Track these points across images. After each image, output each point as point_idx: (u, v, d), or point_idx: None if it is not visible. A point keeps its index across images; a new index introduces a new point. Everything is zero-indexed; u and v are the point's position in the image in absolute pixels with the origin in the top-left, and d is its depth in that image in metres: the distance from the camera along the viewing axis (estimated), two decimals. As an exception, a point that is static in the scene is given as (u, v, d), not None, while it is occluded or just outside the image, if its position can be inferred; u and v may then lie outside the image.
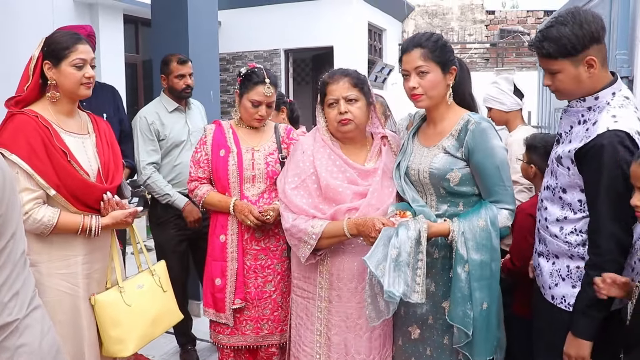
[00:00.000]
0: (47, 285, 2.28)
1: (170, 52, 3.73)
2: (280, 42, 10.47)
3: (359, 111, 2.26)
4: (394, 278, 1.95)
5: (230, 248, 2.72)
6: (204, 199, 2.75)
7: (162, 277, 2.60)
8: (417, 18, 13.69)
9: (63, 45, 2.28)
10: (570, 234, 2.03)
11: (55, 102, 2.33)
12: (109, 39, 7.68)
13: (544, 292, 2.16)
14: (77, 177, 2.27)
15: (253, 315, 2.73)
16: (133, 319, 2.40)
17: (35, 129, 2.21)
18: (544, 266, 2.14)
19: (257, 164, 2.71)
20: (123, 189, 2.55)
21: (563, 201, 2.05)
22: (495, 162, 2.09)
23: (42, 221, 2.19)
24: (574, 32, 1.86)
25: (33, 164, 2.18)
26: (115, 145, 2.52)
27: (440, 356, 2.19)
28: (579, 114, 2.01)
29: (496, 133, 2.15)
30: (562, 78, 1.94)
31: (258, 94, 2.70)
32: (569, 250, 2.05)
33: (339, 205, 2.23)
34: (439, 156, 2.15)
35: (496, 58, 12.76)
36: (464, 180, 2.13)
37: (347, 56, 9.88)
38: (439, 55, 2.14)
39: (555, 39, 1.88)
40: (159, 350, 3.90)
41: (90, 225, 2.29)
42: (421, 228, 2.01)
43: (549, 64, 1.95)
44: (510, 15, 13.38)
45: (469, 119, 2.14)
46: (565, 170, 2.00)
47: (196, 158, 2.80)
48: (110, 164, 2.43)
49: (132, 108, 8.77)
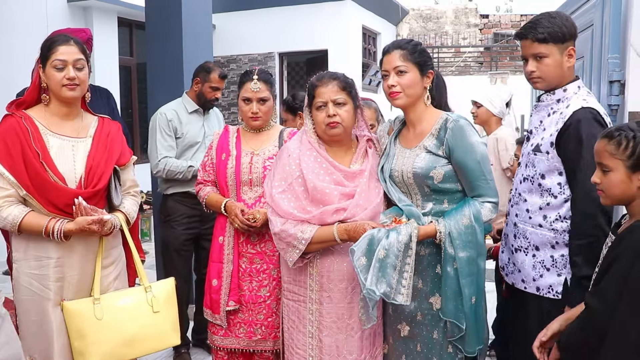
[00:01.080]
0: (21, 283, 2.31)
1: (169, 55, 3.76)
2: (275, 45, 10.49)
3: (347, 114, 2.29)
4: (377, 278, 2.01)
5: (226, 250, 2.74)
6: (205, 200, 2.80)
7: (160, 297, 2.44)
8: (412, 22, 13.74)
9: (47, 47, 2.30)
10: (556, 221, 2.16)
11: (47, 104, 2.33)
12: (104, 41, 7.67)
13: (525, 286, 2.26)
14: (46, 179, 2.24)
15: (246, 319, 2.73)
16: (101, 334, 2.29)
17: (15, 130, 2.23)
18: (524, 260, 2.25)
19: (254, 167, 2.71)
20: (112, 195, 2.45)
21: (542, 188, 2.19)
22: (475, 157, 2.15)
23: (7, 219, 2.21)
24: (563, 23, 2.13)
25: (6, 163, 2.21)
26: (113, 149, 2.46)
27: (431, 351, 2.23)
28: (548, 107, 2.24)
29: (474, 129, 2.22)
30: (548, 62, 2.15)
31: (247, 91, 2.74)
32: (554, 238, 2.16)
33: (326, 206, 2.24)
34: (421, 156, 2.21)
35: (490, 62, 12.82)
36: (447, 178, 2.18)
37: (342, 59, 9.91)
38: (418, 57, 2.23)
39: (548, 25, 2.13)
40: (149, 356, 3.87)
41: (52, 229, 2.23)
42: (412, 233, 2.06)
43: (540, 48, 2.14)
44: (504, 19, 13.46)
45: (447, 117, 2.21)
46: (544, 155, 2.17)
47: (203, 162, 2.87)
48: (97, 168, 2.36)
49: (127, 111, 8.75)
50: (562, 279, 2.16)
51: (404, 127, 2.38)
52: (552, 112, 2.22)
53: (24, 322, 2.32)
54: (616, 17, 2.51)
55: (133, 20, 8.54)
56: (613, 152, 1.71)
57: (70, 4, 7.50)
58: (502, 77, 10.96)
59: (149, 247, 5.99)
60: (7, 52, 6.27)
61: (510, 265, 2.36)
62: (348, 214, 2.22)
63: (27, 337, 2.30)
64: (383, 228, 2.09)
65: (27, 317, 2.32)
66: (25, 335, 2.30)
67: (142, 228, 7.19)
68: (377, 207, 2.27)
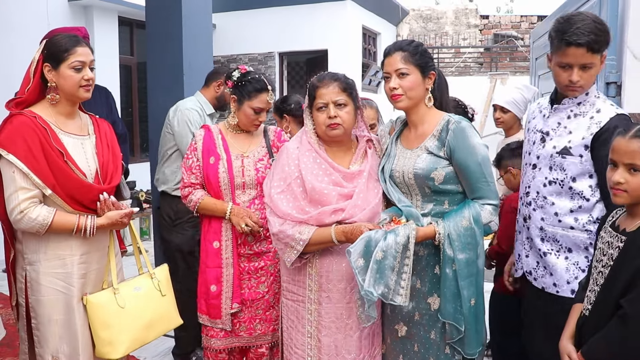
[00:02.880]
0: (43, 284, 2.30)
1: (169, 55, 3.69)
2: (275, 45, 10.50)
3: (347, 115, 2.30)
4: (375, 279, 2.01)
5: (225, 254, 2.73)
6: (199, 204, 2.74)
7: (163, 281, 2.58)
8: (412, 22, 13.74)
9: (62, 48, 2.29)
10: (588, 223, 2.15)
11: (55, 104, 2.34)
12: (104, 40, 7.69)
13: (558, 289, 2.22)
14: (73, 177, 2.28)
15: (247, 317, 2.75)
16: (125, 322, 2.38)
17: (33, 130, 2.23)
18: (556, 263, 2.22)
19: (247, 170, 2.73)
20: (122, 190, 2.56)
21: (573, 191, 2.17)
22: (476, 159, 2.15)
23: (37, 220, 2.21)
24: (606, 30, 2.07)
25: (29, 164, 2.20)
26: (115, 147, 2.54)
27: (428, 351, 2.23)
28: (567, 109, 2.21)
29: (476, 131, 2.22)
30: (593, 73, 2.12)
31: (261, 102, 2.72)
32: (588, 239, 2.15)
33: (324, 207, 2.25)
34: (422, 157, 2.21)
35: (490, 62, 12.82)
36: (448, 179, 2.18)
37: (342, 59, 9.93)
38: (419, 59, 2.22)
39: (600, 33, 2.05)
40: (151, 351, 3.90)
41: (85, 225, 2.30)
42: (410, 234, 2.06)
43: (589, 58, 2.07)
44: (504, 20, 13.46)
45: (449, 119, 2.21)
46: (577, 158, 2.15)
47: (188, 164, 2.78)
48: (109, 165, 2.44)
49: (127, 110, 8.76)
50: None
51: (406, 127, 2.39)
52: (572, 114, 2.21)
53: (46, 323, 2.31)
54: (613, 19, 2.53)
55: (134, 20, 8.55)
56: (638, 150, 1.69)
57: (71, 2, 7.50)
58: (502, 78, 10.96)
59: (149, 246, 6.01)
60: (7, 51, 6.27)
61: (540, 270, 2.30)
62: (346, 214, 2.23)
63: (49, 338, 2.32)
64: (380, 230, 2.09)
65: (49, 317, 2.31)
66: (47, 336, 2.31)
67: (142, 227, 7.20)
68: (375, 207, 2.28)
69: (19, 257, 2.37)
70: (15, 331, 2.53)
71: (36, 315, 2.32)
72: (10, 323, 4.14)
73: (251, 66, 2.86)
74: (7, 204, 2.24)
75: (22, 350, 2.42)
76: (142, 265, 2.64)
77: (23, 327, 2.39)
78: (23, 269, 2.34)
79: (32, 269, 2.31)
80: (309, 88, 2.36)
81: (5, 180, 2.24)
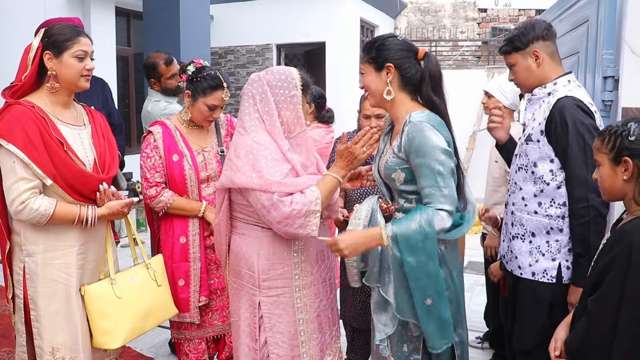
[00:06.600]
0: (42, 275, 2.30)
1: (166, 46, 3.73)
2: (273, 37, 10.46)
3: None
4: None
5: (192, 249, 2.76)
6: (169, 204, 2.72)
7: (158, 271, 2.61)
8: (410, 15, 13.71)
9: (66, 37, 2.29)
10: (550, 207, 2.27)
11: (54, 92, 2.34)
12: (101, 31, 7.64)
13: (521, 272, 2.35)
14: (74, 167, 2.28)
15: (218, 305, 2.83)
16: (122, 311, 2.41)
17: (32, 119, 2.22)
18: (521, 247, 2.36)
19: (209, 164, 2.77)
20: (119, 180, 2.58)
21: (535, 175, 2.30)
22: (427, 162, 2.03)
23: (39, 211, 2.20)
24: (520, 32, 2.37)
25: (30, 154, 2.19)
26: (111, 137, 2.54)
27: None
28: (540, 100, 2.37)
29: (433, 133, 2.04)
30: (517, 69, 2.40)
31: (216, 99, 2.70)
32: (549, 224, 2.27)
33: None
34: (389, 156, 2.18)
35: (488, 56, 12.81)
36: (408, 180, 2.12)
37: (340, 52, 9.87)
38: (373, 55, 2.16)
39: (509, 39, 2.40)
40: (147, 343, 3.91)
41: (86, 216, 2.30)
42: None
43: (508, 59, 2.42)
44: (503, 14, 13.44)
45: (407, 118, 2.11)
46: (536, 144, 2.29)
47: (150, 163, 2.73)
48: (106, 155, 2.45)
49: (124, 101, 8.73)
50: (557, 263, 2.25)
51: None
52: (543, 104, 2.33)
53: (46, 315, 2.31)
54: (611, 13, 2.53)
55: (131, 10, 8.50)
56: (599, 147, 1.82)
57: (68, -7, 7.46)
58: (500, 71, 10.95)
59: (145, 237, 6.01)
60: (4, 42, 6.24)
61: (509, 253, 2.44)
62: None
63: (49, 329, 2.32)
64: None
65: (49, 309, 2.32)
66: (47, 328, 2.32)
67: (138, 218, 7.20)
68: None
69: (15, 249, 2.35)
70: (11, 322, 2.51)
71: (36, 307, 2.32)
72: (5, 314, 4.14)
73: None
74: (7, 194, 2.24)
75: (19, 342, 2.41)
76: (137, 256, 2.66)
77: (20, 320, 2.37)
78: (21, 260, 2.33)
79: (32, 261, 2.31)
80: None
81: (5, 170, 2.23)
